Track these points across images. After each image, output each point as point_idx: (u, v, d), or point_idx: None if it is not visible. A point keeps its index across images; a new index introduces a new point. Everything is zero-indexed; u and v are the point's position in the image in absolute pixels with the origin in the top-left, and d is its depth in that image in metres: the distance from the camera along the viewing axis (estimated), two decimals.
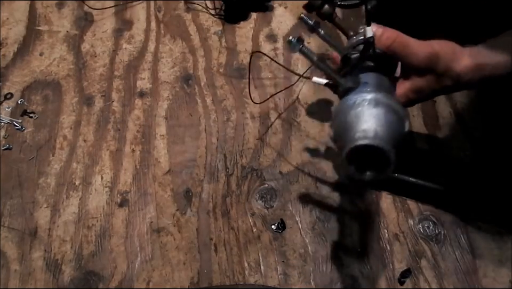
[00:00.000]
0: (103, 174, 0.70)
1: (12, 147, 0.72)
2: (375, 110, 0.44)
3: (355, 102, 0.45)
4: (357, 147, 0.41)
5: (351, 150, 0.41)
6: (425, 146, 0.71)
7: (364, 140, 0.41)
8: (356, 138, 0.42)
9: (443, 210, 0.65)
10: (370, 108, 0.44)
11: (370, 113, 0.44)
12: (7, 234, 0.65)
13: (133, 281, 0.61)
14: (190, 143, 0.73)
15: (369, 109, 0.44)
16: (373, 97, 0.44)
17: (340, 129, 0.45)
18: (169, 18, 0.88)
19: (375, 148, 0.41)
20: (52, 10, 0.89)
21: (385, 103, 0.44)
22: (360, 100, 0.45)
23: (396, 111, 0.44)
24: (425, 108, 0.75)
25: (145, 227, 0.65)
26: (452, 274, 0.61)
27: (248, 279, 0.61)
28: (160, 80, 0.80)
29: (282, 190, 0.68)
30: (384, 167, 0.42)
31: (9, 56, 0.82)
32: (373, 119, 0.43)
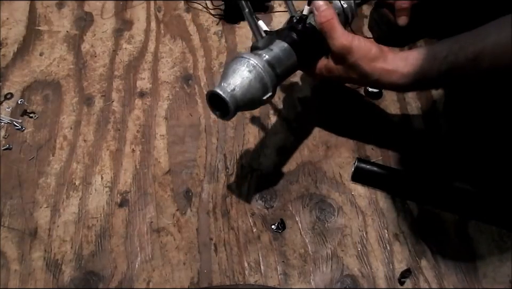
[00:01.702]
0: (103, 174, 0.70)
1: (12, 147, 0.72)
2: (247, 73, 0.54)
3: (243, 59, 0.54)
4: (213, 92, 0.52)
5: (211, 92, 0.53)
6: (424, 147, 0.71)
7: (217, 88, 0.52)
8: (218, 85, 0.53)
9: (443, 210, 0.65)
10: (245, 70, 0.54)
11: (242, 74, 0.54)
12: (7, 234, 0.65)
13: (133, 281, 0.61)
14: (190, 143, 0.73)
15: (244, 70, 0.54)
16: (254, 63, 0.54)
17: (224, 71, 0.55)
18: (169, 18, 0.88)
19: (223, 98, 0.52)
20: (52, 10, 0.89)
21: (259, 73, 0.54)
22: (245, 60, 0.54)
23: (263, 81, 0.54)
24: (425, 108, 0.75)
25: (145, 227, 0.65)
26: (451, 274, 0.61)
27: (248, 279, 0.61)
28: (160, 80, 0.80)
29: (282, 190, 0.68)
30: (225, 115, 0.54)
31: (9, 56, 0.82)
32: (240, 79, 0.53)
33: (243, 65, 0.54)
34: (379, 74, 0.57)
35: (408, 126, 0.74)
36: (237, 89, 0.53)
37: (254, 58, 0.55)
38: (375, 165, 0.68)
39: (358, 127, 0.73)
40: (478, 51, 0.50)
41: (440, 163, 0.69)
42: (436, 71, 0.54)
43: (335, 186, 0.68)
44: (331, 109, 0.76)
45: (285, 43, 0.59)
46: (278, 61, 0.57)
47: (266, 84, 0.55)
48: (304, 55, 0.61)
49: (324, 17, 0.59)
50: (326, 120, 0.74)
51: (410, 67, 0.55)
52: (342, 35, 0.58)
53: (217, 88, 0.53)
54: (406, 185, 0.67)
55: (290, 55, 0.59)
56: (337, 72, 0.61)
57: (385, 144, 0.71)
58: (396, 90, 0.68)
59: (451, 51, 0.52)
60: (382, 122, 0.74)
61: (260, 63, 0.55)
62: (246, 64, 0.54)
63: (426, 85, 0.57)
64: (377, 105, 0.76)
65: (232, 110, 0.53)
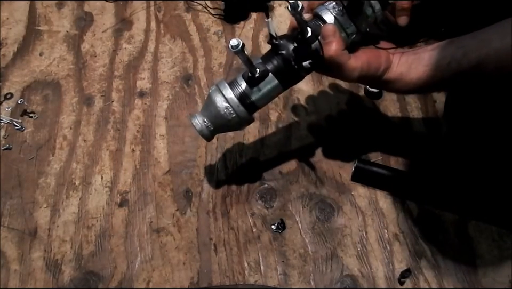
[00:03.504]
0: (103, 174, 0.70)
1: (11, 147, 0.72)
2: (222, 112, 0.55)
3: (212, 90, 0.56)
4: (192, 122, 0.57)
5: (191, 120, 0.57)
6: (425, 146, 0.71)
7: (193, 118, 0.57)
8: (199, 115, 0.57)
9: (443, 210, 0.65)
10: (214, 98, 0.56)
11: (210, 101, 0.56)
12: (7, 234, 0.65)
13: (133, 281, 0.61)
14: (190, 143, 0.73)
15: (218, 107, 0.55)
16: (216, 92, 0.56)
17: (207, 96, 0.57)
18: (169, 18, 0.88)
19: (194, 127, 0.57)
20: (52, 10, 0.89)
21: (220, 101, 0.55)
22: (213, 90, 0.56)
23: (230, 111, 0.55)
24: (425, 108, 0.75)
25: (145, 227, 0.65)
26: (452, 274, 0.61)
27: (248, 279, 0.61)
28: (160, 80, 0.80)
29: (282, 190, 0.68)
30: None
31: (9, 56, 0.82)
32: (213, 115, 0.56)
33: (211, 91, 0.57)
34: (385, 83, 0.58)
35: (408, 126, 0.74)
36: (212, 126, 0.57)
37: (219, 84, 0.56)
38: (375, 165, 0.68)
39: (358, 127, 0.73)
40: (482, 57, 0.50)
41: (440, 164, 0.69)
42: (440, 78, 0.54)
43: (335, 186, 0.68)
44: (331, 108, 0.76)
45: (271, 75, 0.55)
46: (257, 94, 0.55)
47: (240, 121, 0.56)
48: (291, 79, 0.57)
49: (331, 51, 0.53)
50: (326, 120, 0.74)
51: (414, 75, 0.55)
52: (350, 70, 0.54)
53: (195, 118, 0.57)
54: (406, 185, 0.67)
55: (274, 84, 0.55)
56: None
57: (385, 144, 0.71)
58: (398, 93, 0.70)
59: (454, 58, 0.52)
60: (382, 123, 0.74)
61: (222, 88, 0.55)
62: (213, 90, 0.56)
63: (429, 89, 0.57)
64: (377, 105, 0.76)
65: (207, 140, 0.59)
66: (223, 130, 0.59)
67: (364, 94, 0.77)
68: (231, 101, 0.55)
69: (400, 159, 0.70)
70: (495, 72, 0.51)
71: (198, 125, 0.57)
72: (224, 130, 0.59)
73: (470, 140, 0.70)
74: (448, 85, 0.56)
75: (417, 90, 0.57)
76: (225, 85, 0.56)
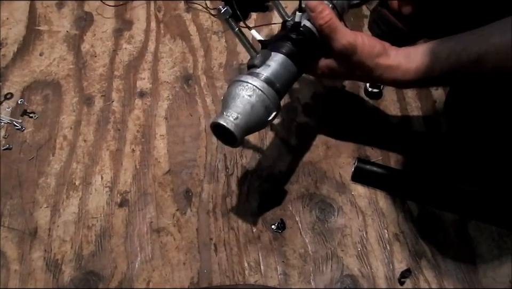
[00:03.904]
0: (103, 174, 0.70)
1: (12, 147, 0.72)
2: (248, 98, 0.52)
3: (241, 83, 0.53)
4: (216, 123, 0.51)
5: (214, 123, 0.51)
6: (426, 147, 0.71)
7: (220, 119, 0.51)
8: (221, 115, 0.52)
9: (443, 210, 0.65)
10: (245, 95, 0.52)
11: (242, 100, 0.52)
12: (7, 234, 0.65)
13: (133, 281, 0.61)
14: (190, 143, 0.73)
15: (244, 96, 0.52)
16: (252, 86, 0.52)
17: (224, 98, 0.54)
18: (169, 18, 0.88)
19: (227, 129, 0.50)
20: (52, 10, 0.89)
21: (259, 95, 0.52)
22: (244, 84, 0.52)
23: (265, 103, 0.52)
24: (425, 108, 0.75)
25: (145, 227, 0.65)
26: (452, 274, 0.61)
27: (248, 279, 0.61)
28: (160, 80, 0.80)
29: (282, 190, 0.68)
30: (233, 143, 0.52)
31: (9, 56, 0.82)
32: (241, 106, 0.52)
33: (242, 90, 0.53)
34: (382, 70, 0.57)
35: (408, 126, 0.74)
36: (240, 116, 0.51)
37: (252, 81, 0.53)
38: (375, 165, 0.68)
39: (358, 127, 0.73)
40: (482, 52, 0.50)
41: (440, 163, 0.69)
42: (438, 70, 0.54)
43: (335, 186, 0.68)
44: (331, 109, 0.76)
45: (281, 55, 0.57)
46: (277, 76, 0.55)
47: (269, 105, 0.53)
48: (303, 63, 0.59)
49: (322, 19, 0.57)
50: (326, 120, 0.74)
51: (413, 64, 0.55)
52: (345, 35, 0.57)
53: (219, 119, 0.51)
54: (406, 185, 0.67)
55: (289, 66, 0.57)
56: (339, 71, 0.60)
57: (385, 144, 0.71)
58: (397, 86, 0.68)
59: (454, 51, 0.52)
60: (382, 123, 0.74)
61: (259, 85, 0.53)
62: (245, 88, 0.53)
63: (428, 83, 0.56)
64: (377, 105, 0.76)
65: (239, 138, 0.51)
66: (252, 128, 0.53)
67: (364, 94, 0.77)
68: (262, 88, 0.52)
69: (400, 159, 0.70)
70: (494, 68, 0.50)
71: (230, 124, 0.50)
72: (253, 128, 0.53)
73: (470, 139, 0.70)
74: (446, 79, 0.55)
75: (416, 82, 0.57)
76: (263, 84, 0.53)
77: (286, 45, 0.58)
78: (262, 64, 0.56)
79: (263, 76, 0.54)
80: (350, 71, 0.59)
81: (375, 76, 0.58)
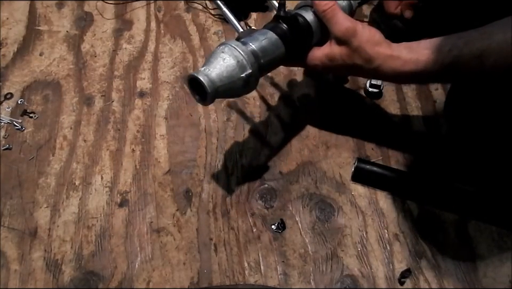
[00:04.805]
0: (103, 174, 0.70)
1: (11, 147, 0.72)
2: (221, 53, 0.54)
3: (220, 46, 0.55)
4: (191, 76, 0.53)
5: (190, 76, 0.53)
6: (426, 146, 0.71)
7: (195, 73, 0.52)
8: (197, 70, 0.54)
9: (443, 210, 0.65)
10: (219, 51, 0.54)
11: (215, 55, 0.54)
12: (7, 234, 0.65)
13: (133, 281, 0.61)
14: (190, 143, 0.73)
15: (218, 52, 0.54)
16: (225, 44, 0.55)
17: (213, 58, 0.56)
18: (169, 18, 0.88)
19: (200, 81, 0.52)
20: (52, 10, 0.89)
21: (231, 49, 0.54)
22: (222, 46, 0.55)
23: (237, 58, 0.54)
24: (425, 108, 0.75)
25: (145, 227, 0.65)
26: (452, 274, 0.61)
27: (248, 279, 0.61)
28: (160, 80, 0.80)
29: (282, 190, 0.68)
30: (205, 96, 0.53)
31: (9, 56, 0.82)
32: (214, 60, 0.54)
33: (218, 48, 0.55)
34: (382, 59, 0.57)
35: (408, 126, 0.74)
36: (211, 68, 0.53)
37: (229, 41, 0.55)
38: (375, 165, 0.68)
39: (358, 127, 0.73)
40: (484, 48, 0.50)
41: (440, 163, 0.69)
42: (439, 63, 0.54)
43: (335, 186, 0.68)
44: (331, 109, 0.76)
45: (270, 32, 0.59)
46: (263, 49, 0.57)
47: (242, 61, 0.54)
48: (292, 46, 0.60)
49: (325, 5, 0.59)
50: (326, 120, 0.74)
51: (414, 55, 0.55)
52: (345, 19, 0.58)
53: (194, 71, 0.53)
54: (406, 185, 0.67)
55: (277, 44, 0.59)
56: (340, 59, 0.59)
57: (385, 144, 0.71)
58: (396, 80, 0.65)
59: (456, 45, 0.52)
60: (382, 122, 0.74)
61: (232, 43, 0.55)
62: (221, 46, 0.55)
63: (427, 76, 0.56)
64: (377, 105, 0.76)
65: (209, 90, 0.52)
66: (225, 83, 0.54)
67: (364, 94, 0.77)
68: (236, 45, 0.54)
69: (400, 159, 0.70)
70: (495, 65, 0.50)
71: (206, 81, 0.52)
72: (227, 84, 0.54)
73: (470, 140, 0.70)
74: (447, 74, 0.55)
75: (416, 75, 0.56)
76: (237, 42, 0.56)
77: (278, 25, 0.60)
78: (245, 35, 0.59)
79: (242, 39, 0.57)
80: (350, 59, 0.59)
81: (375, 66, 0.57)
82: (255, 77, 0.56)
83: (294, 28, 0.60)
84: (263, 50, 0.57)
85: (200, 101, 0.55)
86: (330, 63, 0.61)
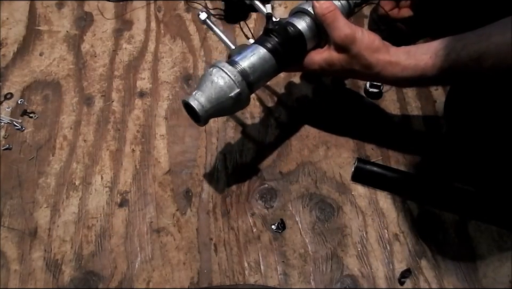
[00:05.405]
0: (103, 174, 0.70)
1: (11, 147, 0.72)
2: (209, 76, 0.56)
3: (210, 68, 0.58)
4: (184, 101, 0.57)
5: (183, 101, 0.57)
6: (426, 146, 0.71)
7: (187, 98, 0.56)
8: (189, 95, 0.57)
9: (443, 210, 0.65)
10: (208, 75, 0.57)
11: (205, 79, 0.57)
12: (7, 234, 0.65)
13: (133, 281, 0.61)
14: (190, 143, 0.73)
15: (206, 75, 0.57)
16: (213, 67, 0.57)
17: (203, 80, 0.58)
18: (169, 18, 0.88)
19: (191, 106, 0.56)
20: (52, 10, 0.89)
21: (221, 75, 0.56)
22: (211, 68, 0.57)
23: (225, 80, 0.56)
24: (425, 108, 0.75)
25: (145, 227, 0.65)
26: (452, 274, 0.61)
27: (248, 279, 0.61)
28: (160, 80, 0.80)
29: (282, 190, 0.68)
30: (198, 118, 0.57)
31: (9, 56, 0.82)
32: (203, 84, 0.57)
33: (207, 70, 0.57)
34: (382, 65, 0.57)
35: (408, 126, 0.74)
36: (200, 92, 0.56)
37: (217, 63, 0.57)
38: (375, 165, 0.68)
39: (358, 127, 0.73)
40: (482, 51, 0.50)
41: (440, 163, 0.69)
42: (438, 68, 0.54)
43: (335, 186, 0.68)
44: (331, 109, 0.76)
45: (261, 47, 0.59)
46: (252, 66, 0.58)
47: (229, 81, 0.56)
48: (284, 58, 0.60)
49: (325, 9, 0.59)
50: (326, 120, 0.74)
51: (413, 60, 0.55)
52: (345, 26, 0.58)
53: (186, 96, 0.57)
54: (406, 185, 0.67)
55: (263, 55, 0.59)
56: (339, 64, 0.60)
57: (385, 144, 0.71)
58: (396, 84, 0.68)
59: (454, 49, 0.52)
60: (382, 122, 0.74)
61: (220, 64, 0.57)
62: (209, 69, 0.57)
63: (427, 80, 0.56)
64: (377, 105, 0.76)
65: (200, 113, 0.55)
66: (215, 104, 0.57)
67: (364, 94, 0.77)
68: (223, 66, 0.56)
69: (400, 159, 0.70)
70: (494, 67, 0.50)
71: (197, 105, 0.55)
72: (216, 105, 0.57)
73: (470, 139, 0.70)
74: (446, 78, 0.55)
75: (415, 80, 0.56)
76: (224, 63, 0.57)
77: (268, 39, 0.61)
78: (237, 54, 0.60)
79: (238, 65, 0.58)
80: (349, 65, 0.59)
81: (375, 72, 0.58)
82: (245, 94, 0.58)
83: (284, 40, 0.60)
84: (252, 67, 0.58)
85: (196, 122, 0.58)
86: (329, 68, 0.61)
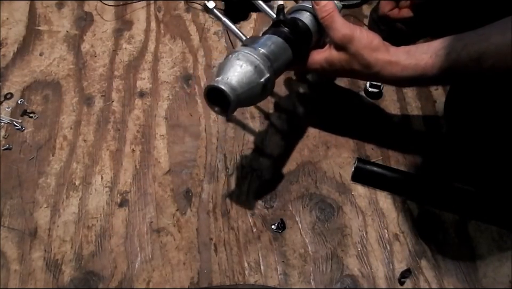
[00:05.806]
0: (103, 174, 0.70)
1: (11, 147, 0.72)
2: (237, 61, 0.52)
3: (229, 54, 0.54)
4: (209, 86, 0.51)
5: (208, 86, 0.51)
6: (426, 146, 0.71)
7: (215, 82, 0.51)
8: (214, 80, 0.52)
9: (443, 210, 0.65)
10: (234, 59, 0.53)
11: (231, 64, 0.52)
12: (7, 234, 0.65)
13: (133, 281, 0.61)
14: (190, 143, 0.73)
15: (233, 59, 0.53)
16: (239, 50, 0.54)
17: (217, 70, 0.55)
18: (169, 18, 0.88)
19: (221, 90, 0.50)
20: (52, 10, 0.89)
21: (246, 55, 0.53)
22: (235, 53, 0.53)
23: (254, 63, 0.52)
24: (425, 108, 0.75)
25: (145, 227, 0.65)
26: (452, 274, 0.61)
27: (248, 279, 0.61)
28: (160, 80, 0.80)
29: (282, 190, 0.68)
30: (227, 106, 0.51)
31: (9, 56, 0.82)
32: (231, 68, 0.52)
33: (232, 55, 0.53)
34: (381, 65, 0.57)
35: (408, 126, 0.74)
36: (230, 76, 0.51)
37: (237, 48, 0.55)
38: (375, 165, 0.68)
39: (358, 127, 0.73)
40: (482, 51, 0.50)
41: (440, 163, 0.69)
42: (438, 68, 0.54)
43: (335, 186, 0.68)
44: (331, 109, 0.76)
45: (275, 36, 0.59)
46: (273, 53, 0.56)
47: (259, 66, 0.52)
48: (297, 49, 0.60)
49: (325, 11, 0.60)
50: (326, 120, 0.74)
51: (412, 60, 0.55)
52: (343, 26, 0.58)
53: (212, 82, 0.51)
54: (406, 185, 0.67)
55: (281, 44, 0.58)
56: (338, 64, 0.60)
57: (385, 144, 0.71)
58: (396, 84, 0.68)
59: (454, 49, 0.52)
60: (382, 122, 0.74)
61: (245, 49, 0.53)
62: (234, 54, 0.53)
63: (427, 80, 0.56)
64: (377, 105, 0.76)
65: (232, 98, 0.50)
66: (246, 90, 0.52)
67: (364, 94, 0.77)
68: (249, 51, 0.53)
69: (400, 159, 0.70)
70: (494, 67, 0.50)
71: (228, 89, 0.50)
72: (247, 90, 0.52)
73: (470, 139, 0.70)
74: (446, 78, 0.55)
75: (415, 80, 0.56)
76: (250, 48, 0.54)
77: (280, 30, 0.60)
78: (250, 43, 0.57)
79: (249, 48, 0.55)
80: (349, 65, 0.59)
81: (374, 72, 0.58)
82: (272, 81, 0.55)
83: (295, 31, 0.60)
84: (274, 55, 0.56)
85: (221, 112, 0.52)
86: (330, 67, 0.61)
